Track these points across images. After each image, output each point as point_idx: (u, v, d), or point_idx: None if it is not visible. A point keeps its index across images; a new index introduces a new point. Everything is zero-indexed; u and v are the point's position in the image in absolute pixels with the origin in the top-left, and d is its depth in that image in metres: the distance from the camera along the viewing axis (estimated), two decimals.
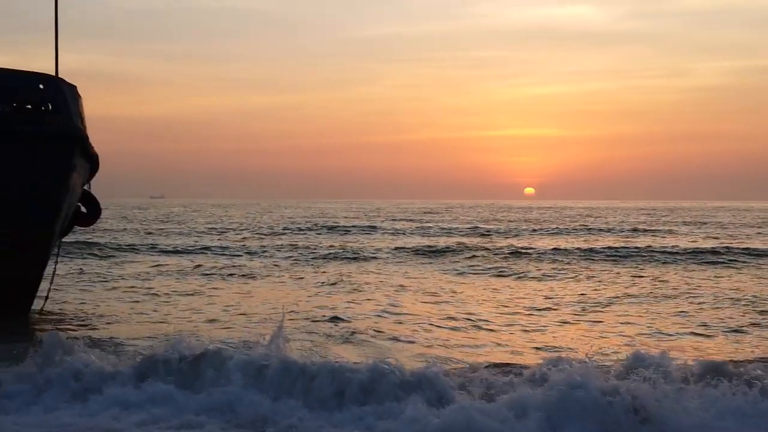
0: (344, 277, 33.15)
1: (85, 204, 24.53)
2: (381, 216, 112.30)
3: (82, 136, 21.39)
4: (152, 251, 46.72)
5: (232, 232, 68.80)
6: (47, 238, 21.34)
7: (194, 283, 31.13)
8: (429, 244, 52.84)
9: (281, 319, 14.68)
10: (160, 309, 23.87)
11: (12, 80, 20.38)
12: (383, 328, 20.26)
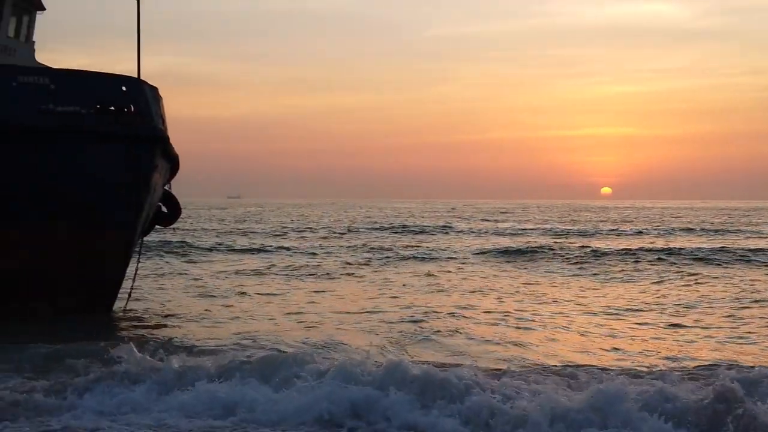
0: (423, 277, 32.95)
1: (165, 204, 24.88)
2: (457, 216, 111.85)
3: (163, 137, 21.67)
4: (230, 251, 47.19)
5: (309, 231, 69.19)
6: (129, 238, 21.66)
7: (272, 282, 31.29)
8: (506, 244, 52.31)
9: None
10: (240, 308, 24.01)
11: (96, 83, 20.76)
12: (462, 328, 20.08)
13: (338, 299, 26.30)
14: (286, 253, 46.02)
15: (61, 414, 11.70)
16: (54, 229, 20.28)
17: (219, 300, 25.90)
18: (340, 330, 20.11)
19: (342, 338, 18.45)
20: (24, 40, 24.80)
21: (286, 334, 19.23)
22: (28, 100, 19.84)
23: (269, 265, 38.00)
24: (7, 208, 19.87)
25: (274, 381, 12.56)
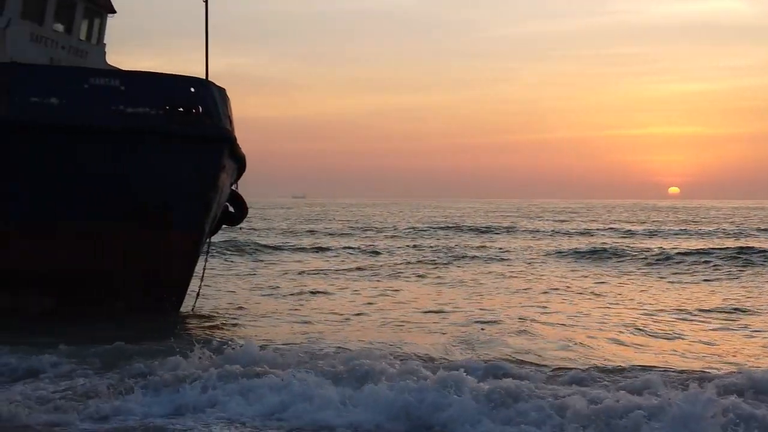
0: (490, 276, 32.72)
1: (232, 204, 25.08)
2: (522, 215, 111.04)
3: (231, 137, 21.83)
4: (296, 250, 47.52)
5: (374, 231, 69.30)
6: (197, 238, 21.87)
7: (337, 281, 31.38)
8: (574, 244, 51.71)
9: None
10: (307, 307, 24.09)
11: (165, 84, 21.00)
12: (531, 329, 19.83)
13: (404, 299, 26.22)
14: (351, 252, 46.14)
15: (130, 414, 11.85)
16: (124, 229, 20.56)
17: (285, 299, 26.04)
18: (405, 330, 20.04)
19: (408, 338, 18.38)
20: (95, 42, 25.23)
21: (352, 334, 19.22)
22: (99, 102, 20.14)
23: (334, 265, 38.14)
24: (80, 208, 20.20)
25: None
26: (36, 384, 13.43)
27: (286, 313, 22.94)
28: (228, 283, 30.54)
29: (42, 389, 12.98)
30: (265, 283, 30.83)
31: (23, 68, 20.46)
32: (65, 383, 13.44)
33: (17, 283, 20.48)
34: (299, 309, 23.83)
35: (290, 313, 23.09)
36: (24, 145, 19.81)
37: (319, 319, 21.88)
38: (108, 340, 16.44)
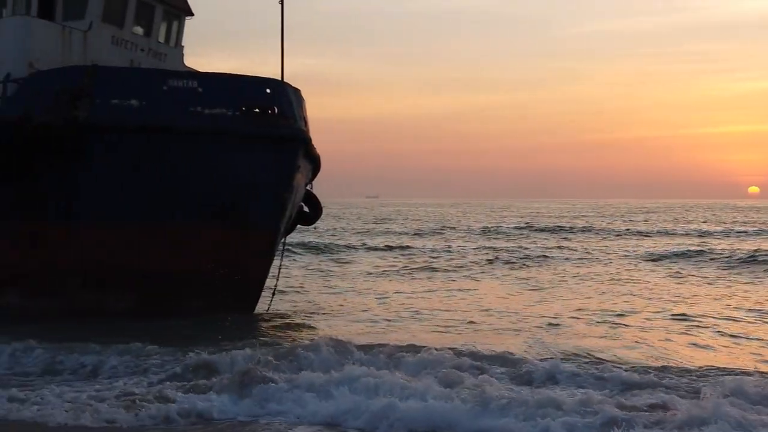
0: (568, 277, 32.31)
1: (307, 204, 25.26)
2: (596, 216, 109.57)
3: (306, 137, 21.97)
4: (370, 249, 47.59)
5: (447, 231, 69.07)
6: (273, 238, 22.05)
7: (412, 281, 31.33)
8: (656, 246, 50.65)
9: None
10: (382, 307, 24.08)
11: (241, 85, 21.23)
12: (613, 334, 19.55)
13: (480, 299, 26.05)
14: (425, 252, 46.04)
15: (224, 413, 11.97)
16: (202, 229, 20.84)
17: (359, 298, 26.09)
18: (481, 331, 19.92)
19: (483, 339, 18.24)
20: (173, 45, 25.64)
21: (428, 335, 19.11)
22: (177, 103, 20.44)
23: (409, 264, 38.09)
24: (160, 208, 20.55)
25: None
26: (139, 379, 13.75)
27: (362, 313, 22.95)
28: (303, 282, 30.72)
29: (136, 388, 13.21)
30: (340, 282, 30.96)
31: (104, 71, 20.87)
32: (164, 383, 13.65)
33: (101, 282, 20.92)
34: (375, 309, 23.82)
35: (366, 312, 23.08)
36: (105, 146, 20.21)
37: (395, 319, 21.80)
38: (189, 339, 16.62)
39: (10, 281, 21.31)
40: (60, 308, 20.95)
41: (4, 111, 20.90)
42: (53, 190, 20.61)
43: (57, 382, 14.07)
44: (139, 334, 17.53)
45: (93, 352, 15.74)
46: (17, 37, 22.27)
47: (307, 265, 37.57)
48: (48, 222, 20.84)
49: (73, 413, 11.54)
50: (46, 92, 20.45)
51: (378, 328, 20.43)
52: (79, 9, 23.01)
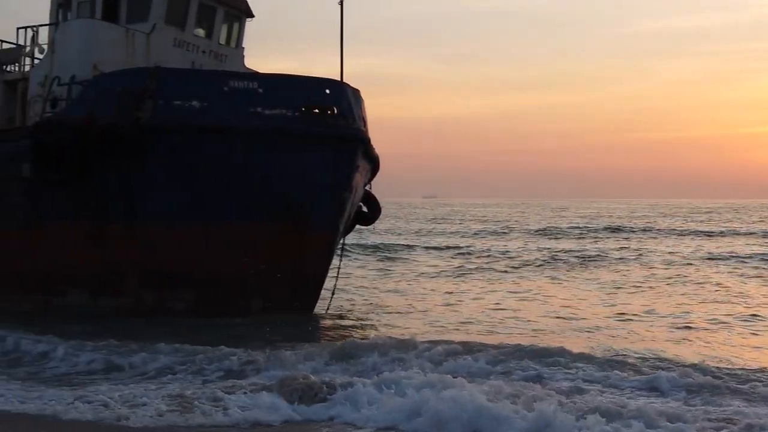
0: (636, 280, 31.67)
1: (366, 203, 25.31)
2: (660, 215, 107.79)
3: (365, 138, 22.00)
4: (429, 249, 47.45)
5: (507, 231, 68.42)
6: (332, 237, 22.11)
7: (471, 282, 31.14)
8: (726, 248, 49.35)
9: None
10: (441, 307, 23.91)
11: (301, 86, 21.33)
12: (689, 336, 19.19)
13: (543, 300, 25.69)
14: (484, 252, 45.73)
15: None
16: (261, 229, 20.97)
17: (419, 299, 25.98)
18: (545, 332, 19.63)
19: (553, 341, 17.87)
20: (234, 46, 25.89)
21: (491, 336, 18.88)
22: (238, 104, 20.61)
23: (467, 264, 37.91)
24: (221, 208, 20.76)
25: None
26: (194, 378, 13.85)
27: (422, 313, 22.83)
28: (362, 282, 30.76)
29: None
30: (398, 282, 30.92)
31: (167, 72, 21.13)
32: (218, 382, 13.62)
33: (164, 281, 21.19)
34: (436, 309, 23.67)
35: (427, 312, 22.94)
36: (167, 147, 20.46)
37: (457, 319, 21.58)
38: (247, 339, 16.64)
39: (73, 281, 21.71)
40: (121, 307, 21.28)
41: (69, 112, 21.31)
42: (115, 190, 20.94)
43: (113, 380, 14.20)
44: (196, 334, 17.70)
45: (149, 351, 15.82)
46: (82, 40, 22.72)
47: (366, 265, 37.61)
48: (110, 222, 21.17)
49: (130, 412, 11.53)
50: (110, 94, 20.78)
51: (439, 327, 20.23)
52: (142, 12, 23.38)
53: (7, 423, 10.81)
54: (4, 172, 22.27)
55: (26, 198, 21.91)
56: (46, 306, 21.84)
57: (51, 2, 24.79)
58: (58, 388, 13.39)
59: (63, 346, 16.62)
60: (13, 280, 22.53)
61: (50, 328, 18.50)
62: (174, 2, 23.66)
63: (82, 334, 17.77)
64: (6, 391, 13.00)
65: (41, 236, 21.80)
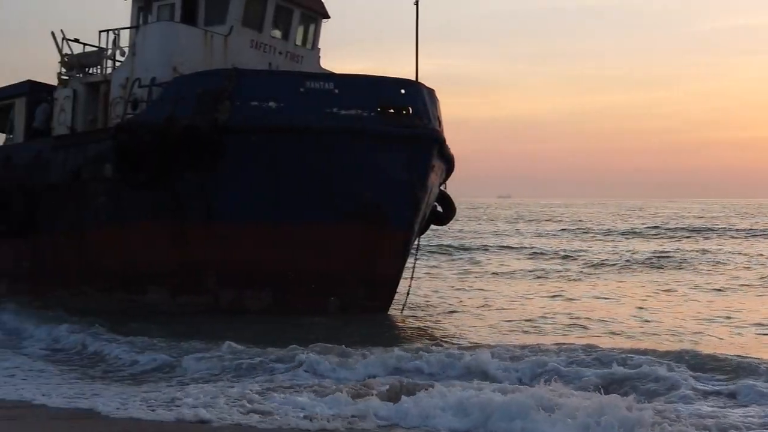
0: (725, 282, 30.86)
1: (441, 203, 25.27)
2: (740, 216, 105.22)
3: (440, 137, 21.96)
4: (504, 249, 47.15)
5: (584, 232, 67.50)
6: (408, 237, 22.11)
7: (549, 283, 30.79)
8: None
9: None
10: (522, 309, 23.57)
11: (376, 86, 21.40)
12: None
13: (635, 303, 25.13)
14: (560, 252, 45.22)
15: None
16: (337, 229, 21.08)
17: (495, 300, 25.76)
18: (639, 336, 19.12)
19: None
20: (310, 47, 26.12)
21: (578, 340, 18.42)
22: (314, 104, 20.78)
23: (544, 266, 37.56)
24: (299, 208, 20.94)
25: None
26: (270, 378, 13.72)
27: (498, 315, 22.57)
28: (436, 282, 30.70)
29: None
30: (474, 282, 30.78)
31: (244, 74, 21.41)
32: (294, 382, 13.44)
33: (240, 280, 21.45)
34: (512, 311, 23.41)
35: (507, 314, 22.57)
36: (244, 147, 20.72)
37: (537, 321, 21.33)
38: (323, 339, 16.59)
39: (153, 280, 22.14)
40: (200, 306, 21.61)
41: (150, 114, 21.75)
42: (194, 190, 21.28)
43: (174, 380, 14.20)
44: (274, 332, 17.80)
45: (230, 351, 15.65)
46: (162, 42, 23.15)
47: (441, 265, 37.55)
48: (188, 222, 21.52)
49: (214, 412, 11.37)
50: (189, 95, 21.16)
51: (518, 330, 19.91)
52: (220, 14, 23.75)
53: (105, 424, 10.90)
54: (88, 173, 22.81)
55: (108, 198, 22.42)
56: (129, 304, 22.31)
57: (132, 5, 25.34)
58: (134, 387, 13.46)
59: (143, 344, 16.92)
60: (98, 279, 23.08)
61: (133, 328, 18.87)
62: (251, 4, 24.00)
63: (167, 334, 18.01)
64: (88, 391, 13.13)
65: (123, 236, 22.28)
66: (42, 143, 24.76)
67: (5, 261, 25.46)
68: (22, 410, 11.51)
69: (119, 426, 10.64)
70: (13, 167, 25.06)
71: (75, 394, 12.78)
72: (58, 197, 23.58)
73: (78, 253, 23.45)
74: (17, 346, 18.18)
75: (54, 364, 15.85)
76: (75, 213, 23.28)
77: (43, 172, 24.07)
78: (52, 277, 24.26)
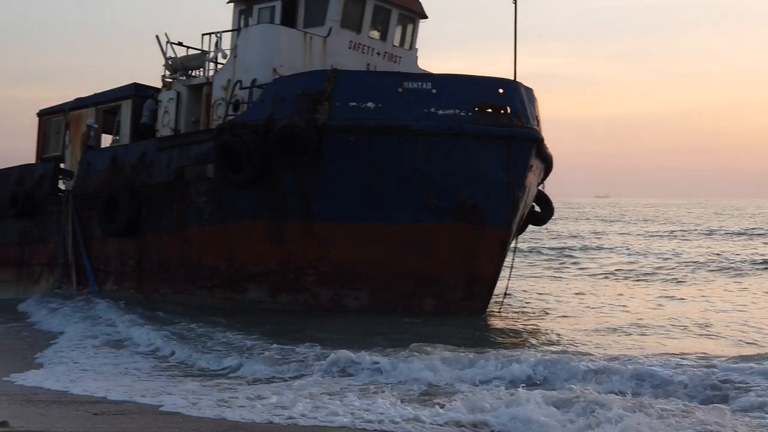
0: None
1: (539, 203, 25.09)
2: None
3: (538, 137, 21.77)
4: (602, 249, 46.39)
5: (689, 233, 65.88)
6: (505, 237, 21.98)
7: (648, 285, 30.18)
8: None
9: None
10: (620, 313, 23.10)
11: (474, 86, 21.34)
12: None
13: (728, 308, 24.36)
14: (661, 253, 44.24)
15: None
16: (435, 229, 21.10)
17: (595, 302, 25.34)
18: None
19: None
20: (408, 47, 26.21)
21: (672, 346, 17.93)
22: (412, 105, 20.84)
23: (643, 267, 36.81)
24: (399, 208, 21.04)
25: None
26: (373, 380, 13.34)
27: (599, 318, 22.03)
28: (535, 283, 30.41)
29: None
30: (573, 284, 30.39)
31: (343, 75, 21.60)
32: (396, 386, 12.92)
33: (338, 279, 21.66)
34: (613, 314, 22.94)
35: (603, 317, 22.17)
36: (343, 148, 20.91)
37: (639, 325, 20.78)
38: (420, 339, 16.46)
39: (253, 278, 22.52)
40: (299, 305, 21.90)
41: (250, 115, 22.15)
42: (293, 190, 21.57)
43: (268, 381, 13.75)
44: (371, 332, 17.84)
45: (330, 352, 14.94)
46: (263, 44, 23.54)
47: (539, 265, 37.20)
48: (288, 221, 21.83)
49: (314, 411, 11.01)
50: (289, 96, 21.49)
51: (619, 335, 19.35)
52: (319, 16, 24.05)
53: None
54: (190, 174, 23.34)
55: (210, 198, 22.89)
56: (230, 302, 22.75)
57: (233, 9, 25.83)
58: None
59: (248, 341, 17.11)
60: (200, 277, 23.60)
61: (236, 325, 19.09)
62: (350, 6, 24.22)
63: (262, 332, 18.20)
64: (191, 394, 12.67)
65: (224, 235, 22.73)
66: (147, 145, 25.44)
67: (112, 259, 26.23)
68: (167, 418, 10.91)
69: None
70: (120, 168, 25.80)
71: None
72: (162, 197, 24.19)
73: (181, 251, 24.01)
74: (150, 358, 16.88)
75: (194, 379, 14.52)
76: (178, 212, 23.85)
77: (148, 173, 24.72)
78: (156, 274, 24.91)
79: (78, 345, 18.22)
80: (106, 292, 25.83)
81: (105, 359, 16.44)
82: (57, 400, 11.87)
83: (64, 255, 27.51)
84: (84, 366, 15.65)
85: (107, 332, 19.92)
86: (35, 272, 29.17)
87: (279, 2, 24.38)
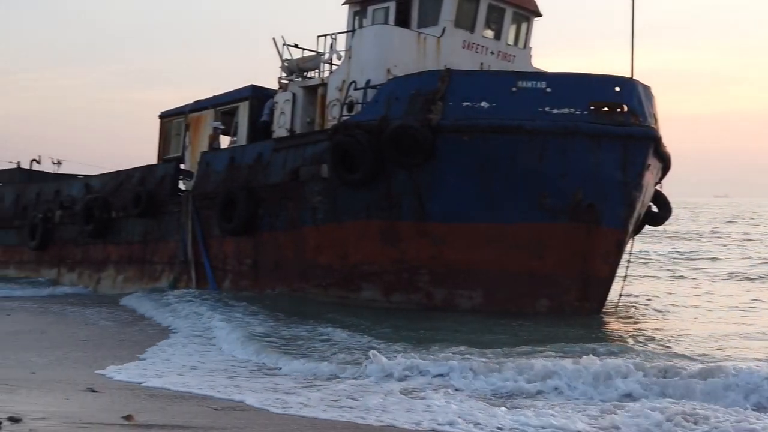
0: None
1: (656, 203, 24.55)
2: None
3: (656, 136, 21.34)
4: (723, 251, 45.00)
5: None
6: (621, 237, 21.59)
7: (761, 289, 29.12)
8: None
9: None
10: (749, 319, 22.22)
11: (589, 84, 21.07)
12: None
13: None
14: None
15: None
16: (550, 228, 20.89)
17: (718, 305, 24.45)
18: None
19: None
20: (522, 46, 26.01)
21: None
22: (526, 104, 20.69)
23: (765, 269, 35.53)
24: (509, 208, 20.91)
25: None
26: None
27: (724, 323, 21.09)
28: (652, 284, 29.73)
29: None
30: (693, 287, 29.55)
31: (457, 74, 21.60)
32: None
33: (452, 279, 21.65)
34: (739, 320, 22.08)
35: (730, 323, 21.43)
36: (457, 147, 20.90)
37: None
38: (538, 342, 16.19)
39: (367, 277, 22.71)
40: (413, 304, 21.97)
41: (365, 115, 22.35)
42: (406, 190, 21.66)
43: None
44: (480, 333, 17.68)
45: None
46: (377, 45, 23.72)
47: (656, 267, 36.34)
48: (401, 220, 21.93)
49: (412, 414, 10.45)
50: (403, 96, 21.60)
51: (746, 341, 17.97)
52: (432, 16, 24.10)
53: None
54: (306, 174, 23.68)
55: (325, 197, 23.18)
56: (344, 301, 23.00)
57: (348, 10, 26.09)
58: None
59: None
60: (314, 276, 23.92)
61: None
62: (464, 5, 24.19)
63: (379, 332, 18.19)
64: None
65: (339, 234, 22.99)
66: (263, 146, 25.92)
67: (230, 258, 26.77)
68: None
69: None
70: (237, 168, 26.33)
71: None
72: (278, 197, 24.59)
73: (296, 250, 24.38)
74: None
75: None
76: (293, 212, 24.21)
77: (265, 173, 25.17)
78: (271, 273, 25.35)
79: (188, 342, 17.78)
80: (224, 290, 26.37)
81: (216, 360, 15.46)
82: (179, 396, 12.05)
83: (184, 254, 28.20)
84: (193, 362, 15.14)
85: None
86: (156, 270, 30.04)
87: (393, 3, 24.54)
